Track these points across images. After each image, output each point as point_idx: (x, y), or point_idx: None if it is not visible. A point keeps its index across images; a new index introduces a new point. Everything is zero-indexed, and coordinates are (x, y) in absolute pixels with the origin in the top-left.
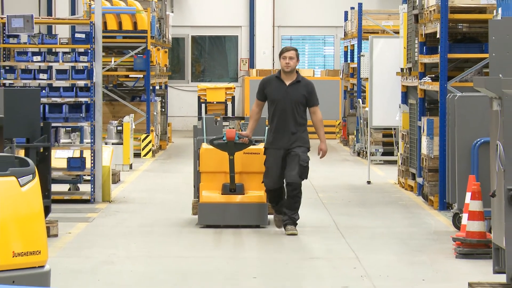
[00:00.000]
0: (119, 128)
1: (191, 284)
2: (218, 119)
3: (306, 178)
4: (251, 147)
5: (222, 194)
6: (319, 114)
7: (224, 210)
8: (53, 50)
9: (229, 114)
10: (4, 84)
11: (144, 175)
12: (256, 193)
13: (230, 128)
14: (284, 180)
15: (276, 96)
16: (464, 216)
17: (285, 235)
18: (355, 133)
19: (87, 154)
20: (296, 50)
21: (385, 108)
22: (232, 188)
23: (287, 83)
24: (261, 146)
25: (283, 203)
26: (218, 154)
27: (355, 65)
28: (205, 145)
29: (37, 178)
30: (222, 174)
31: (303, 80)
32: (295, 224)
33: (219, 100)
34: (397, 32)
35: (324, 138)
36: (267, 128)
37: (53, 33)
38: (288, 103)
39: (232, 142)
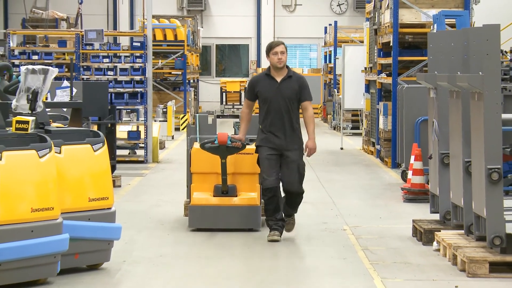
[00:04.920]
0: (164, 110)
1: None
2: (212, 117)
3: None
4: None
5: (213, 196)
6: (310, 110)
7: (215, 213)
8: (117, 55)
9: (242, 99)
10: (83, 79)
11: (182, 143)
12: (249, 195)
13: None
14: (283, 187)
15: (268, 94)
16: (409, 172)
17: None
18: (332, 113)
19: (141, 128)
20: (284, 43)
21: (353, 95)
22: (224, 190)
23: (278, 79)
24: (254, 146)
25: (277, 216)
26: (210, 154)
27: (332, 65)
28: (196, 145)
29: (105, 145)
30: (214, 175)
31: (295, 75)
32: (292, 216)
33: (235, 90)
34: (362, 41)
35: (313, 135)
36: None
37: (118, 42)
38: (281, 101)
39: (224, 146)
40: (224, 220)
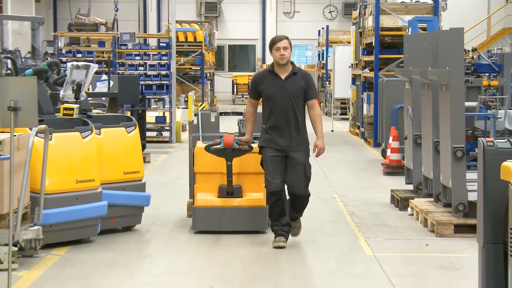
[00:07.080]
0: (186, 99)
1: None
2: (215, 114)
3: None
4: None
5: (218, 197)
6: (317, 108)
7: (220, 215)
8: (147, 53)
9: None
10: (118, 73)
11: None
12: (255, 195)
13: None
14: (287, 190)
15: (272, 92)
16: (388, 150)
17: None
18: (324, 102)
19: (167, 114)
20: (288, 38)
21: (342, 87)
22: (229, 191)
23: (283, 76)
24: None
25: (283, 221)
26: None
27: (324, 62)
28: (200, 144)
29: (137, 128)
30: (218, 175)
31: (300, 71)
32: (297, 219)
33: (244, 82)
34: (349, 42)
35: (322, 134)
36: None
37: (147, 43)
38: (286, 99)
39: (230, 149)
40: (230, 222)
